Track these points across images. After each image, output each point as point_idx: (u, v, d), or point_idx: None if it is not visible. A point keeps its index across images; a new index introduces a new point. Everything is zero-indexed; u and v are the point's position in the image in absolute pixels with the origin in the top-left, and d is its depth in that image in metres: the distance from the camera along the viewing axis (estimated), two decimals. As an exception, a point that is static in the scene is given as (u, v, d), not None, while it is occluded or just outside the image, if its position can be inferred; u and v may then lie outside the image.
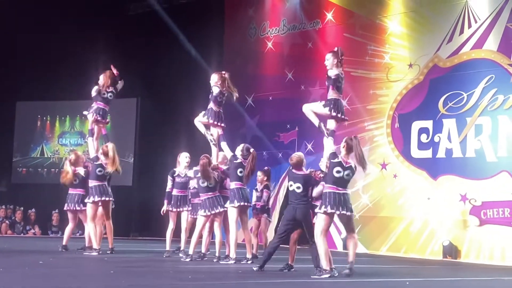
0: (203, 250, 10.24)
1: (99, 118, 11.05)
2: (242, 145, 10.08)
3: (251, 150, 9.90)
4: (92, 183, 10.73)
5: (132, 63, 15.36)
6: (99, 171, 10.72)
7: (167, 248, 10.77)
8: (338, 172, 8.20)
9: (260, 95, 16.57)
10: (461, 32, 13.66)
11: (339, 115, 8.66)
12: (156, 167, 15.73)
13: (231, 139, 10.53)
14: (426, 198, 13.83)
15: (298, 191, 8.43)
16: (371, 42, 14.92)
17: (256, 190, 11.32)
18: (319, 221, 8.19)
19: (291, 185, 8.50)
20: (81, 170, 11.02)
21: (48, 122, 18.56)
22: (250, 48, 17.08)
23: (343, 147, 8.37)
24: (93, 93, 11.17)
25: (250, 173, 9.76)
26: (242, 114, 16.69)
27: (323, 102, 8.72)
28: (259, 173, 10.99)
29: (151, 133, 17.79)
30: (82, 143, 18.21)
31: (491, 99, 13.13)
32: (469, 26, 13.57)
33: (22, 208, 16.61)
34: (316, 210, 8.28)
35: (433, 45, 14.02)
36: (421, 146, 14.04)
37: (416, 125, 14.13)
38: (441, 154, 13.75)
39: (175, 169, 10.87)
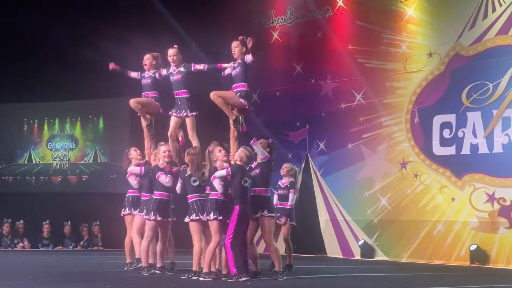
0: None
1: None
2: None
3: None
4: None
5: (124, 58, 14.81)
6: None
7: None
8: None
9: (267, 91, 16.39)
10: (485, 16, 13.54)
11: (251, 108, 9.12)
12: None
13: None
14: (450, 199, 13.72)
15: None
16: (387, 30, 14.84)
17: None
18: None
19: (245, 181, 8.62)
20: None
21: (35, 125, 18.47)
22: (254, 39, 16.61)
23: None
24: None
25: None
26: (247, 111, 16.50)
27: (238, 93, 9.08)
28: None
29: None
30: (73, 147, 18.08)
31: (519, 89, 13.23)
32: (493, 10, 13.45)
33: (10, 220, 16.24)
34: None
35: (454, 32, 13.93)
36: (444, 142, 13.93)
37: (438, 120, 14.00)
38: (465, 150, 13.66)
39: None
